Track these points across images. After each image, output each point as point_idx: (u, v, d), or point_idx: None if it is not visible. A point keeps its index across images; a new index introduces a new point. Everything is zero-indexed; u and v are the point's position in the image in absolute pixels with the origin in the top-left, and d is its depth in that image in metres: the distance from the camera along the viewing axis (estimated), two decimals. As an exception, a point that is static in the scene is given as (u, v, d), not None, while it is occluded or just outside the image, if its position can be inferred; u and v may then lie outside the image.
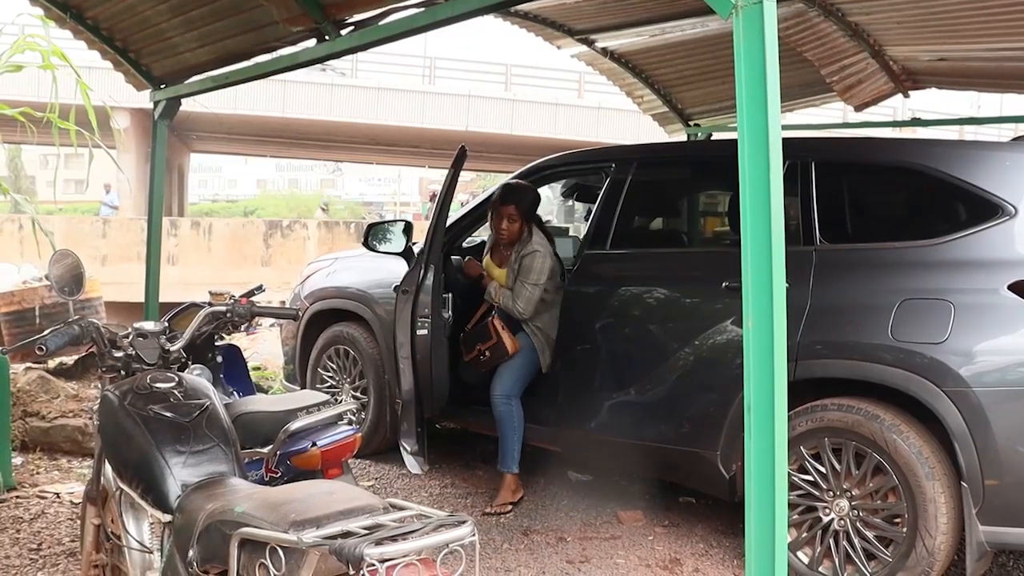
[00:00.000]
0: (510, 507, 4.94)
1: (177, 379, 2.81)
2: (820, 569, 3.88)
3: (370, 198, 65.26)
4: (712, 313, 4.33)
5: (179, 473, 2.54)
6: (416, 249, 5.10)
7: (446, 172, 4.93)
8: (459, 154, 4.80)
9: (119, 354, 2.95)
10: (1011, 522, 3.55)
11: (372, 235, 5.36)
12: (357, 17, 4.63)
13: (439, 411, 5.03)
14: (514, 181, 5.16)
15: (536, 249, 4.88)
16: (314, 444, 3.65)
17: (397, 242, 5.30)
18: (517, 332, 4.93)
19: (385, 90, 28.12)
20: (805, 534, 3.93)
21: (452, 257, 5.28)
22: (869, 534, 3.79)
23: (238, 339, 8.68)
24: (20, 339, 8.39)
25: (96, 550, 3.15)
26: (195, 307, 3.68)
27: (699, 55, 6.98)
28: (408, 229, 5.32)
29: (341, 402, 5.68)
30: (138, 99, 6.79)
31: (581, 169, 5.66)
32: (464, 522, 2.01)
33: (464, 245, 5.78)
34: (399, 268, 5.67)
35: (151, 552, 2.74)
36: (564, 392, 4.82)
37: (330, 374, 6.06)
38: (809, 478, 3.92)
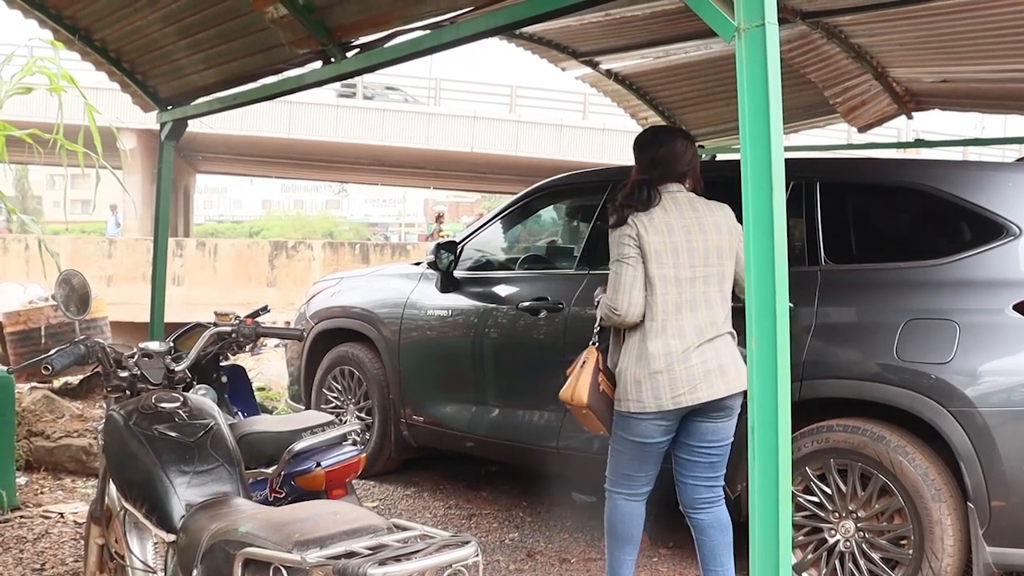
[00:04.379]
0: None
1: (182, 399, 2.82)
2: (826, 591, 3.87)
3: (375, 219, 65.58)
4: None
5: (183, 493, 2.54)
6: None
7: (453, 193, 4.87)
8: None
9: (124, 374, 2.96)
10: (1018, 543, 3.53)
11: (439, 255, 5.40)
12: (363, 39, 4.66)
13: None
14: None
15: (611, 225, 3.54)
16: (318, 464, 3.65)
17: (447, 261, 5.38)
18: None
19: (390, 111, 28.27)
20: (810, 555, 3.91)
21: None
22: (875, 555, 3.77)
23: (243, 359, 8.71)
24: (26, 358, 8.40)
25: (100, 570, 3.15)
26: (200, 327, 3.69)
27: (703, 77, 7.01)
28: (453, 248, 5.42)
29: (346, 422, 5.67)
30: (145, 120, 6.85)
31: (583, 189, 5.67)
32: (467, 542, 2.00)
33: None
34: (404, 287, 5.69)
35: (155, 572, 2.74)
36: (567, 413, 4.80)
37: (335, 394, 6.06)
38: (815, 499, 3.91)
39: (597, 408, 3.56)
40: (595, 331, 3.65)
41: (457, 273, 5.43)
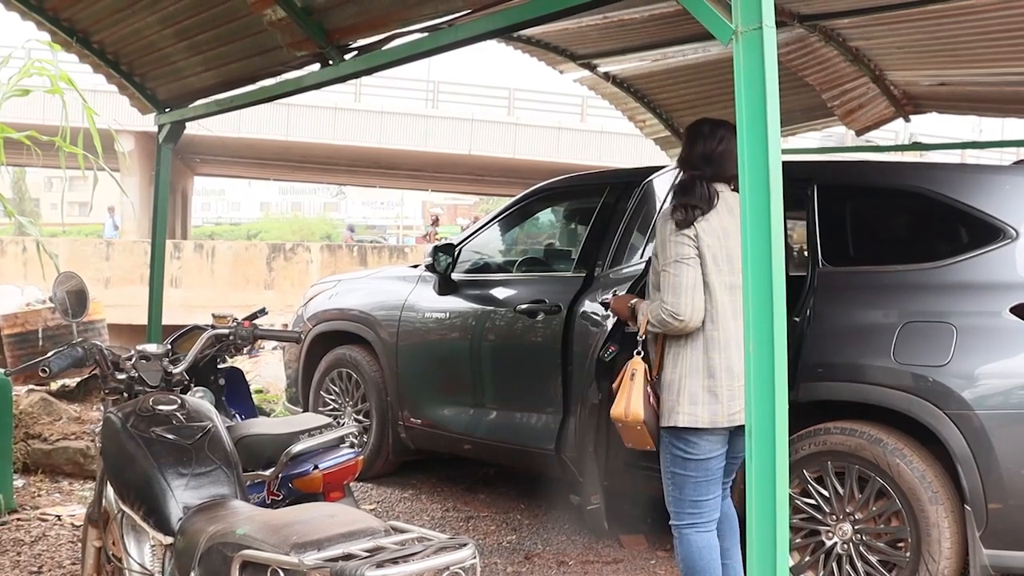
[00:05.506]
0: None
1: (180, 401, 2.82)
2: (823, 593, 3.87)
3: (373, 221, 65.56)
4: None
5: (181, 495, 2.54)
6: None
7: (450, 195, 4.85)
8: None
9: (122, 376, 2.96)
10: (1015, 546, 3.53)
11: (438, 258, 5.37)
12: (361, 42, 4.66)
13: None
14: None
15: (666, 219, 3.31)
16: (316, 467, 3.65)
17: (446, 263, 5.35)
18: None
19: (388, 114, 28.26)
20: (808, 558, 3.91)
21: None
22: (872, 558, 3.77)
23: (241, 362, 8.70)
24: (23, 361, 8.40)
25: (97, 573, 3.15)
26: (198, 329, 3.70)
27: (701, 80, 7.02)
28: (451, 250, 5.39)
29: (343, 425, 5.67)
30: (143, 122, 6.84)
31: (581, 191, 5.68)
32: (465, 545, 2.01)
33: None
34: (401, 290, 5.69)
35: (152, 575, 2.73)
36: (566, 415, 4.80)
37: (332, 397, 6.06)
38: (812, 501, 3.91)
39: (651, 423, 3.33)
40: (640, 340, 3.40)
41: (455, 276, 5.43)
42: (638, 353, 3.37)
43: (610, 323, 3.87)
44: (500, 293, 5.23)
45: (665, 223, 3.28)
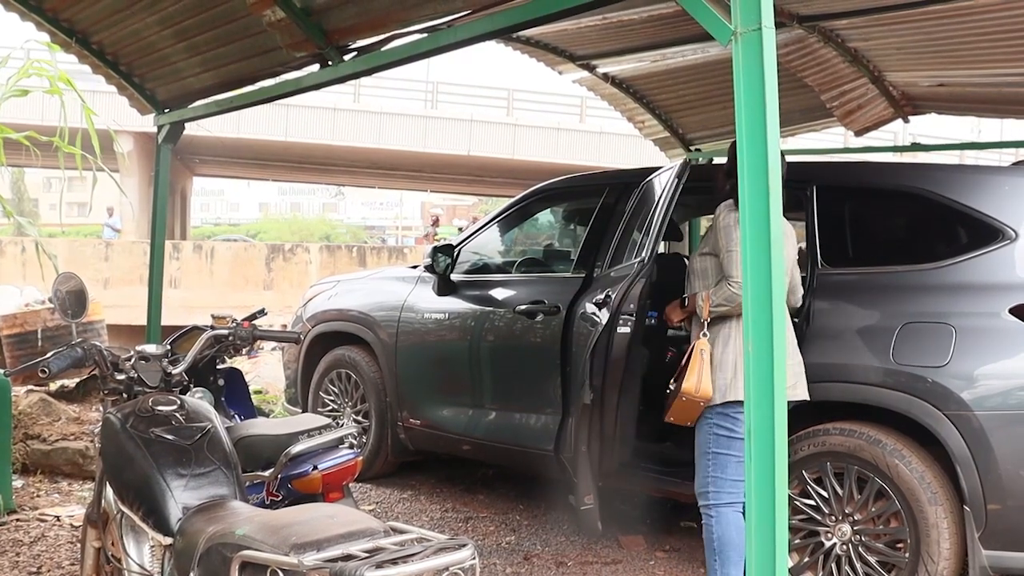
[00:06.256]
0: None
1: (179, 402, 2.82)
2: (822, 594, 3.87)
3: (372, 222, 65.63)
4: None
5: (180, 496, 2.54)
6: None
7: (449, 196, 4.85)
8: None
9: (121, 377, 2.96)
10: (1014, 546, 3.54)
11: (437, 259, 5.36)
12: (360, 43, 4.67)
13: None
14: None
15: (731, 208, 3.67)
16: (315, 467, 3.65)
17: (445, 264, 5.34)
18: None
19: (387, 114, 28.26)
20: (807, 559, 3.91)
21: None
22: (871, 559, 3.77)
23: (240, 362, 8.70)
24: (22, 361, 8.40)
25: (96, 573, 3.15)
26: (197, 330, 3.70)
27: (700, 80, 7.02)
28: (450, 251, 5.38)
29: (342, 426, 5.67)
30: (142, 123, 6.84)
31: (580, 192, 5.68)
32: (464, 545, 2.01)
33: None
34: (400, 291, 5.69)
35: (151, 575, 2.73)
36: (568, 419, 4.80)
37: (332, 397, 6.06)
38: (811, 502, 3.91)
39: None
40: (704, 321, 3.64)
41: (454, 276, 5.43)
42: (705, 335, 3.63)
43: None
44: (499, 294, 5.23)
45: (730, 212, 3.64)
